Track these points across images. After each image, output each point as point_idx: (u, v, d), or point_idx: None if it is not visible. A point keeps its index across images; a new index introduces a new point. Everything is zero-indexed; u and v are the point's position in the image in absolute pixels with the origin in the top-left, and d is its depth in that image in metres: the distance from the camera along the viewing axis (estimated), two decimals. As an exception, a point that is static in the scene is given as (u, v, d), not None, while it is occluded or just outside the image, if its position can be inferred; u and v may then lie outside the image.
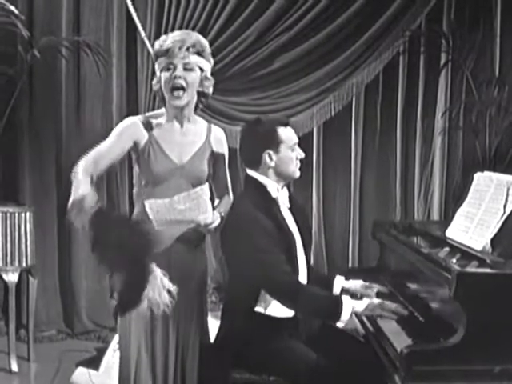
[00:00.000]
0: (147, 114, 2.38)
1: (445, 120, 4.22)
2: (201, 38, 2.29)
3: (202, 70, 2.24)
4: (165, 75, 2.21)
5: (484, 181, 2.14)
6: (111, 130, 4.10)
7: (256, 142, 2.21)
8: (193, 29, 3.88)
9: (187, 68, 2.20)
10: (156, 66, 2.28)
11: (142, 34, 3.92)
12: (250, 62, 4.02)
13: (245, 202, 2.21)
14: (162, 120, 2.28)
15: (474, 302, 1.65)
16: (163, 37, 2.28)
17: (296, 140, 2.27)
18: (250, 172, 2.26)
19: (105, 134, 4.05)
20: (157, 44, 2.27)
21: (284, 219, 2.23)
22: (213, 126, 2.38)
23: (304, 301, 2.09)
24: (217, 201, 2.38)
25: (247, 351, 2.15)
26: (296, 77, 4.09)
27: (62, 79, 3.98)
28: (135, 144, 2.23)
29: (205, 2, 3.92)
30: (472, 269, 1.75)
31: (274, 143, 2.20)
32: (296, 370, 2.09)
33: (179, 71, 2.19)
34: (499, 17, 4.17)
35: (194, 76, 2.21)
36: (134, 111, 3.81)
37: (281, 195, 2.26)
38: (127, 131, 2.25)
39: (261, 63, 4.04)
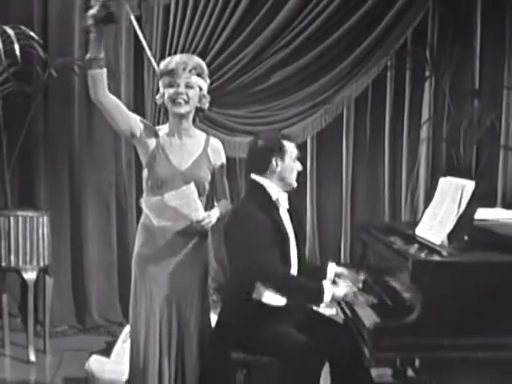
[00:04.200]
0: (155, 127, 2.68)
1: (428, 131, 4.46)
2: (201, 61, 2.62)
3: (200, 88, 2.56)
4: (168, 91, 2.53)
5: (446, 184, 2.44)
6: (120, 142, 4.44)
7: (265, 149, 2.52)
8: (196, 47, 4.14)
9: (188, 86, 2.52)
10: (160, 83, 2.59)
11: (148, 53, 4.08)
12: (248, 78, 4.21)
13: (248, 203, 2.50)
14: (165, 132, 2.59)
15: (427, 285, 1.96)
16: (168, 58, 2.60)
17: (296, 153, 2.58)
18: (255, 177, 2.54)
19: (114, 146, 4.37)
20: (162, 64, 2.59)
21: (281, 219, 2.52)
22: (211, 137, 2.68)
23: (291, 290, 2.40)
24: (216, 204, 2.66)
25: (244, 334, 2.42)
26: (290, 91, 4.25)
27: (75, 95, 4.23)
28: (142, 136, 2.53)
29: (206, 23, 4.13)
30: (424, 257, 2.07)
31: (281, 152, 2.51)
32: (286, 351, 2.36)
33: (182, 88, 2.51)
34: (479, 35, 4.39)
35: (194, 93, 2.54)
36: None
37: (280, 197, 2.55)
38: (143, 121, 2.60)
39: (258, 79, 4.21)
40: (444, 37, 4.42)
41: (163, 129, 2.63)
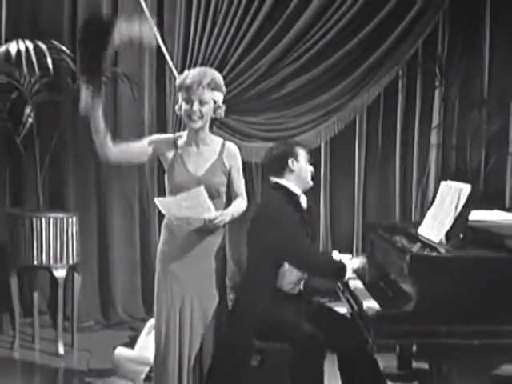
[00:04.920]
0: (175, 135, 2.84)
1: (438, 137, 4.63)
2: (216, 74, 2.73)
3: (215, 102, 2.71)
4: (185, 107, 2.67)
5: (446, 188, 2.63)
6: None
7: (282, 153, 2.80)
8: (215, 58, 4.33)
9: (202, 102, 2.65)
10: (179, 96, 2.74)
11: (170, 63, 4.33)
12: (264, 87, 4.40)
13: (275, 200, 2.73)
14: (183, 141, 2.77)
15: (423, 277, 2.15)
16: (185, 73, 2.74)
17: (309, 157, 2.83)
18: (276, 179, 2.79)
19: None
20: (178, 80, 2.75)
21: (304, 215, 2.78)
22: (227, 142, 2.83)
23: (320, 266, 2.70)
24: (233, 202, 2.82)
25: (259, 320, 2.61)
26: (305, 99, 4.42)
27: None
28: (160, 152, 2.73)
29: (224, 36, 4.32)
30: (420, 252, 2.29)
31: (294, 155, 2.78)
32: (295, 339, 2.56)
33: (196, 106, 2.64)
34: (488, 45, 4.57)
35: (208, 108, 2.68)
36: (163, 131, 4.14)
37: (302, 196, 2.80)
38: (154, 143, 2.75)
39: (273, 88, 4.40)
40: (453, 48, 4.58)
41: (183, 136, 2.80)
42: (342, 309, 3.34)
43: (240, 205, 2.81)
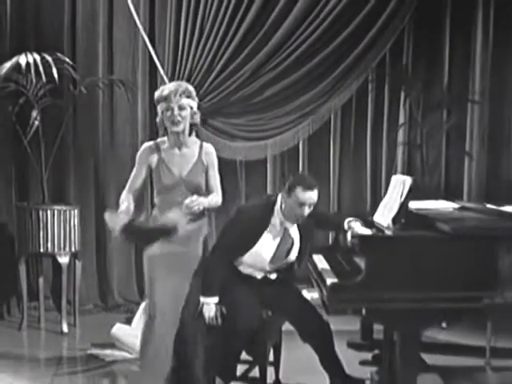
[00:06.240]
0: (157, 140, 3.12)
1: (404, 136, 5.08)
2: (189, 85, 3.10)
3: (191, 108, 3.05)
4: (166, 115, 3.00)
5: (395, 180, 3.09)
6: (138, 147, 4.98)
7: (288, 181, 2.98)
8: (202, 65, 4.71)
9: (181, 108, 2.99)
10: (158, 108, 3.03)
11: (161, 71, 4.71)
12: (247, 91, 4.74)
13: (256, 201, 3.08)
14: (166, 146, 3.10)
15: (370, 253, 2.61)
16: (161, 87, 3.08)
17: (307, 202, 2.88)
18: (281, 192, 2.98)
19: (132, 150, 4.95)
20: (157, 94, 3.04)
21: (257, 235, 2.95)
22: (204, 143, 3.13)
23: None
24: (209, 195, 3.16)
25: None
26: (282, 103, 4.79)
27: (100, 108, 4.87)
28: (150, 166, 3.10)
29: (211, 45, 4.69)
30: (367, 234, 2.77)
31: (287, 191, 2.89)
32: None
33: (176, 111, 2.98)
34: (447, 53, 5.03)
35: (186, 113, 3.02)
36: (154, 131, 4.51)
37: (278, 224, 2.97)
38: (143, 158, 3.06)
39: (255, 93, 4.75)
40: (417, 55, 5.03)
41: (165, 141, 3.08)
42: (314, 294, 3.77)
43: (214, 198, 3.14)
